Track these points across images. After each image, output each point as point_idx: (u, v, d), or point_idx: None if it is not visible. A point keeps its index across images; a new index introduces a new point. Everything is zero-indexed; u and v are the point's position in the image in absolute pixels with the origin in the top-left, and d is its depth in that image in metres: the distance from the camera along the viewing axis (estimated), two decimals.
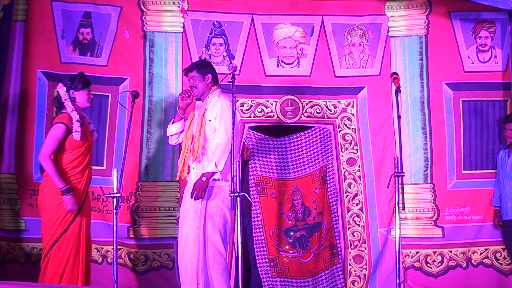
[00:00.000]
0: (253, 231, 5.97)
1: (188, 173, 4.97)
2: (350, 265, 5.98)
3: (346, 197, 6.03)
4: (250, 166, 6.03)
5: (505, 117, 5.96)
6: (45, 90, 5.75)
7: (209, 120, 4.86)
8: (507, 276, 6.00)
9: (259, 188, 6.03)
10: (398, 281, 4.49)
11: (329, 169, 6.05)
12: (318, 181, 6.02)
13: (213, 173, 4.73)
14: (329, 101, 6.09)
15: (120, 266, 5.65)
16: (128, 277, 5.76)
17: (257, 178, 6.03)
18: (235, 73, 5.06)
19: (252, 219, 5.98)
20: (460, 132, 6.08)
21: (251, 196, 5.92)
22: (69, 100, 4.88)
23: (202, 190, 4.72)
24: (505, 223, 5.83)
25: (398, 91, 4.78)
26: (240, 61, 6.04)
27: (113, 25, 5.94)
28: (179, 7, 5.95)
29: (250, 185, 6.00)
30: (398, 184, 4.47)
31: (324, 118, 6.08)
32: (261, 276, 5.94)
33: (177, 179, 5.27)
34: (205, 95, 4.97)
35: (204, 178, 4.73)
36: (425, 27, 6.11)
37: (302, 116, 6.08)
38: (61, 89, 4.94)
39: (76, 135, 4.80)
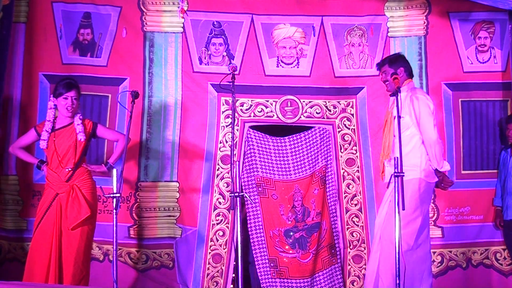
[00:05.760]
0: (254, 231, 5.98)
1: (382, 172, 5.04)
2: (349, 265, 5.97)
3: (345, 197, 6.02)
4: (251, 166, 6.03)
5: (509, 117, 5.95)
6: (47, 92, 5.75)
7: (402, 117, 4.78)
8: (507, 277, 5.99)
9: (260, 189, 6.02)
10: (398, 281, 4.48)
11: (329, 170, 6.05)
12: (317, 182, 6.02)
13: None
14: (328, 101, 6.09)
15: (121, 263, 5.66)
16: (128, 275, 5.77)
17: (258, 179, 6.03)
18: (235, 73, 5.09)
19: (253, 220, 5.99)
20: (460, 132, 6.08)
21: (251, 197, 5.93)
22: (52, 108, 5.02)
23: None
24: (506, 223, 5.83)
25: (398, 91, 4.78)
26: (240, 61, 6.03)
27: (113, 26, 5.94)
28: (179, 7, 5.96)
29: (251, 186, 6.00)
30: (398, 184, 4.46)
31: (323, 118, 6.08)
32: (260, 277, 5.93)
33: (384, 180, 5.05)
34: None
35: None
36: (424, 27, 6.11)
37: (302, 116, 6.08)
38: (51, 96, 5.07)
39: (42, 143, 5.01)
